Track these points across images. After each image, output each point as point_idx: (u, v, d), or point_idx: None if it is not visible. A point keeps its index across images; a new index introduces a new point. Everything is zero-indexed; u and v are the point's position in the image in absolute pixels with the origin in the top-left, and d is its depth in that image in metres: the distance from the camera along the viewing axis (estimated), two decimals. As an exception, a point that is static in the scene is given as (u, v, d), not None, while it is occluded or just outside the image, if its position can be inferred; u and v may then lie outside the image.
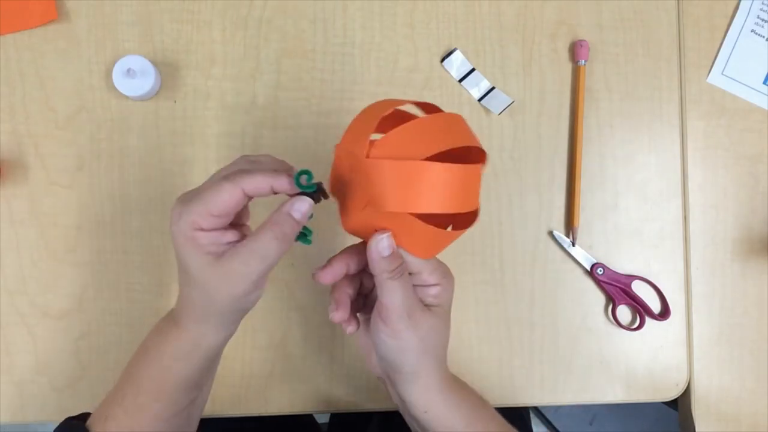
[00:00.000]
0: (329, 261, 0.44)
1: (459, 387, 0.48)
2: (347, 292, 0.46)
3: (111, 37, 0.62)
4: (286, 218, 0.40)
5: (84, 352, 0.61)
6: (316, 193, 0.41)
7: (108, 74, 0.61)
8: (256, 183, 0.39)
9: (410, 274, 0.43)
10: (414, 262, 0.43)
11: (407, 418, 0.49)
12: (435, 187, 0.38)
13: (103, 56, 0.62)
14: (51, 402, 0.61)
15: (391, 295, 0.41)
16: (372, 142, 0.38)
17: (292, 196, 0.41)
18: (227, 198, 0.39)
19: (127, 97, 0.61)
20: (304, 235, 0.43)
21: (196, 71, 0.62)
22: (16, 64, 0.62)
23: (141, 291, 0.61)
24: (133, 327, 0.61)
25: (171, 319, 0.46)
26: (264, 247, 0.39)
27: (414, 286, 0.44)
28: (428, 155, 0.38)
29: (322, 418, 0.92)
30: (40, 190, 0.61)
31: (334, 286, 0.46)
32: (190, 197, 0.40)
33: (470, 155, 0.43)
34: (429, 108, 0.43)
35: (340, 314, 0.45)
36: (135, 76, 0.59)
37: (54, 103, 0.62)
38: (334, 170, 0.42)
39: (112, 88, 0.61)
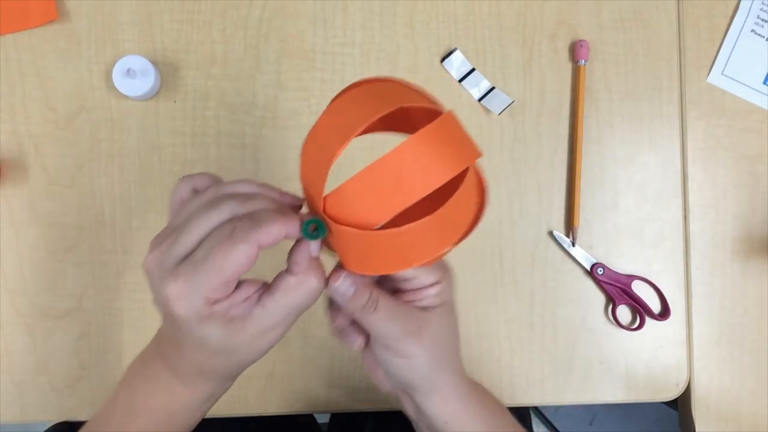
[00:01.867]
0: (336, 321, 0.41)
1: (478, 394, 0.45)
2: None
3: (111, 37, 0.62)
4: (308, 261, 0.36)
5: (84, 352, 0.61)
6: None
7: (108, 74, 0.61)
8: (273, 235, 0.33)
9: (404, 281, 0.40)
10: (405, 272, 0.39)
11: (422, 428, 0.45)
12: (408, 246, 0.34)
13: (103, 56, 0.62)
14: (51, 402, 0.61)
15: (376, 328, 0.38)
16: (326, 198, 0.33)
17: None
18: (244, 261, 0.33)
19: (127, 97, 0.61)
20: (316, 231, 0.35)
21: (196, 71, 0.62)
22: (16, 64, 0.62)
23: (141, 291, 0.61)
24: (133, 327, 0.61)
25: (168, 370, 0.39)
26: (296, 296, 0.36)
27: (411, 291, 0.40)
28: (399, 210, 0.31)
29: (322, 418, 0.92)
30: (40, 190, 0.61)
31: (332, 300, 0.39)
32: (191, 269, 0.33)
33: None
34: (427, 114, 0.35)
35: (352, 335, 0.41)
36: (135, 76, 0.59)
37: (54, 103, 0.62)
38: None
39: (112, 88, 0.61)
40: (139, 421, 0.40)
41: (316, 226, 0.34)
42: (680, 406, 0.67)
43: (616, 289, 0.63)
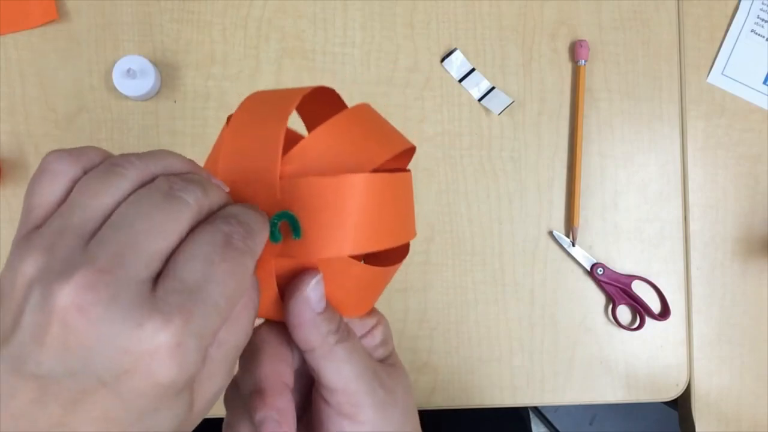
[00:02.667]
0: (266, 404, 0.26)
1: None
2: (288, 390, 0.27)
3: (111, 37, 0.62)
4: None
5: (84, 352, 0.61)
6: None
7: (108, 74, 0.61)
8: (264, 240, 0.24)
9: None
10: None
11: None
12: (386, 208, 0.27)
13: (103, 56, 0.62)
14: (51, 402, 0.61)
15: (342, 369, 0.27)
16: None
17: None
18: (250, 283, 0.24)
19: (127, 97, 0.61)
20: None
21: (196, 71, 0.62)
22: (16, 64, 0.62)
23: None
24: (133, 327, 0.61)
25: None
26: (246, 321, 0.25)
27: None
28: (368, 167, 0.26)
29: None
30: (40, 190, 0.61)
31: (264, 388, 0.26)
32: (188, 303, 0.20)
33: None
34: (322, 95, 0.29)
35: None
36: (135, 76, 0.59)
37: (54, 103, 0.62)
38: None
39: (112, 88, 0.61)
40: None
41: (289, 223, 0.25)
42: (680, 406, 0.67)
43: (616, 289, 0.63)
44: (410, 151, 0.31)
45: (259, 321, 0.28)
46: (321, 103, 0.29)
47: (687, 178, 0.65)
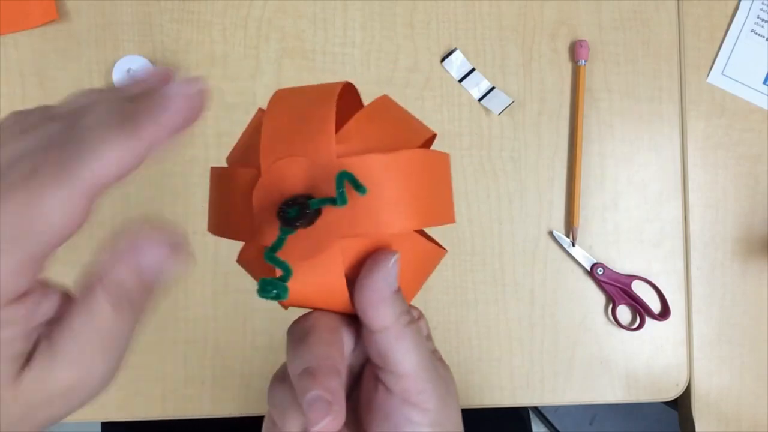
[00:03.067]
0: (317, 383, 0.24)
1: None
2: (339, 374, 0.25)
3: (111, 37, 0.62)
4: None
5: (84, 352, 0.61)
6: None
7: (108, 74, 0.61)
8: (107, 163, 0.23)
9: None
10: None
11: None
12: (438, 184, 0.27)
13: (103, 56, 0.62)
14: (51, 402, 0.61)
15: (412, 352, 0.26)
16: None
17: None
18: (57, 221, 0.23)
19: (127, 97, 0.61)
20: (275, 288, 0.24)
21: (196, 71, 0.62)
22: (16, 64, 0.62)
23: (141, 291, 0.61)
24: (133, 327, 0.61)
25: None
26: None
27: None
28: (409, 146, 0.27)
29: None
30: (40, 190, 0.61)
31: (315, 369, 0.25)
32: None
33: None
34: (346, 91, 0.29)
35: (338, 418, 0.24)
36: (135, 76, 0.59)
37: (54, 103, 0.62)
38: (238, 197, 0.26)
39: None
40: None
41: (350, 182, 0.23)
42: (680, 406, 0.67)
43: (616, 289, 0.63)
44: (432, 138, 0.31)
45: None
46: (344, 99, 0.29)
47: (687, 178, 0.65)
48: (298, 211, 0.24)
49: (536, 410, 1.33)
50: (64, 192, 0.20)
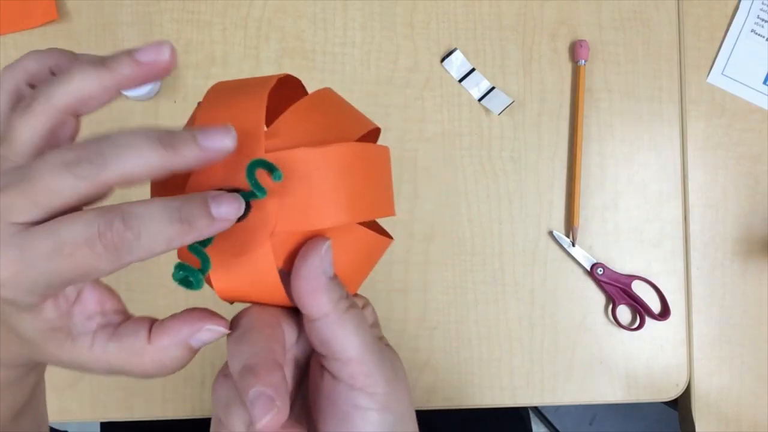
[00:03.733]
0: (259, 379, 0.24)
1: None
2: (281, 368, 0.25)
3: (111, 37, 0.62)
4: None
5: (84, 352, 0.61)
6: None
7: (108, 74, 0.61)
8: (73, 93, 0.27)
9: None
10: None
11: None
12: (373, 178, 0.27)
13: (103, 56, 0.62)
14: (51, 402, 0.61)
15: (355, 337, 0.26)
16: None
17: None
18: (36, 145, 0.26)
19: (127, 97, 0.61)
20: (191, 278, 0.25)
21: (196, 71, 0.62)
22: (16, 64, 0.62)
23: (141, 291, 0.61)
24: (133, 327, 0.61)
25: None
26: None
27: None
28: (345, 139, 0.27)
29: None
30: (40, 190, 0.61)
31: (255, 365, 0.25)
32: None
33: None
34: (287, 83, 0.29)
35: (281, 412, 0.23)
36: (135, 76, 0.59)
37: (54, 103, 0.62)
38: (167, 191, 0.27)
39: (112, 88, 0.61)
40: None
41: (265, 168, 0.24)
42: (680, 406, 0.67)
43: (616, 289, 0.63)
44: (376, 132, 0.31)
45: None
46: (285, 91, 0.29)
47: (687, 178, 0.65)
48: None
49: (536, 410, 1.33)
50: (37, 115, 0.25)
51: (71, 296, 0.26)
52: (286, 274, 0.26)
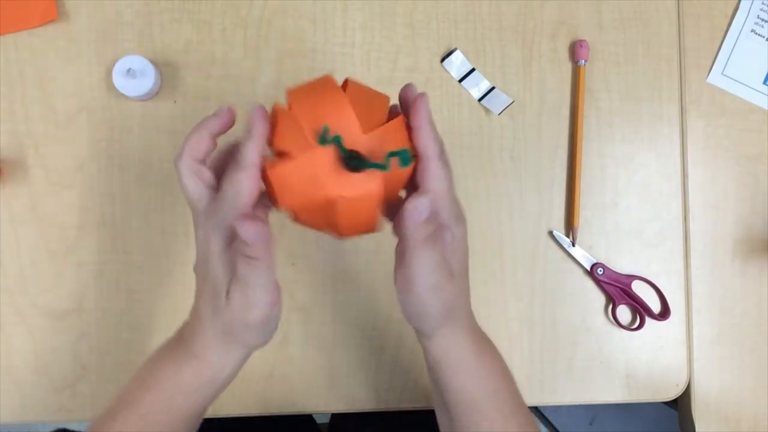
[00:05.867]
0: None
1: (479, 350, 0.45)
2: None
3: (111, 37, 0.62)
4: (246, 246, 0.38)
5: (84, 352, 0.61)
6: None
7: (108, 74, 0.61)
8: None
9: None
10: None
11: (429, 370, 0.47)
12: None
13: (103, 56, 0.62)
14: (51, 402, 0.61)
15: (421, 264, 0.38)
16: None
17: None
18: (252, 190, 0.37)
19: (127, 97, 0.61)
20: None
21: (196, 71, 0.62)
22: (16, 64, 0.62)
23: (141, 291, 0.61)
24: (133, 327, 0.61)
25: (186, 349, 0.42)
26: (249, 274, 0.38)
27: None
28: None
29: (322, 418, 0.92)
30: (40, 190, 0.61)
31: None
32: (212, 210, 0.38)
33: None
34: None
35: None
36: (135, 76, 0.59)
37: (54, 103, 0.62)
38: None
39: (112, 88, 0.61)
40: (150, 394, 0.42)
41: (399, 156, 0.38)
42: (680, 406, 0.67)
43: (616, 289, 0.63)
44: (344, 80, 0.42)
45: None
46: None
47: (687, 178, 0.65)
48: (359, 163, 0.37)
49: (536, 410, 1.33)
50: (246, 175, 0.37)
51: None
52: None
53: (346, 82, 0.40)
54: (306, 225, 0.40)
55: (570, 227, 0.63)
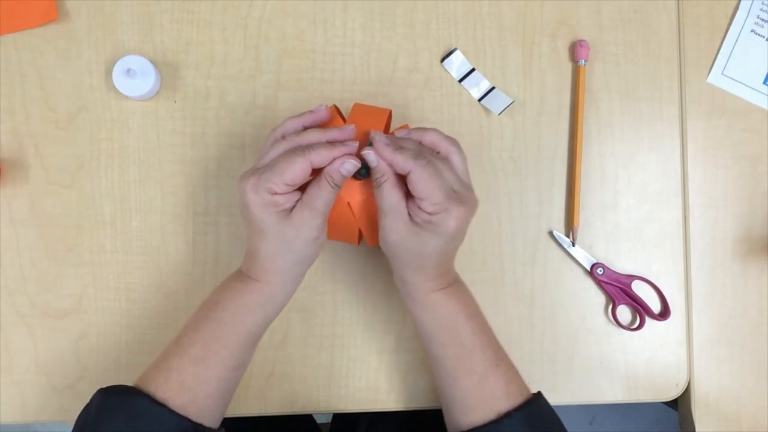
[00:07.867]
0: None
1: (446, 297, 0.53)
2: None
3: (111, 37, 0.62)
4: (336, 173, 0.48)
5: (84, 352, 0.61)
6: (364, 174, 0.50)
7: (108, 74, 0.61)
8: (322, 157, 0.47)
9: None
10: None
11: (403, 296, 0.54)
12: None
13: (103, 56, 0.62)
14: (51, 402, 0.61)
15: (383, 197, 0.48)
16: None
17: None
18: (299, 170, 0.46)
19: (127, 97, 0.61)
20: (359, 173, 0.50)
21: (196, 71, 0.62)
22: (16, 64, 0.62)
23: (141, 291, 0.61)
24: (133, 327, 0.61)
25: (244, 277, 0.51)
26: (321, 196, 0.47)
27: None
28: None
29: (322, 419, 0.92)
30: (40, 190, 0.61)
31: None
32: (262, 170, 0.47)
33: None
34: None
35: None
36: (135, 76, 0.59)
37: (54, 103, 0.62)
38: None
39: (112, 88, 0.61)
40: (214, 313, 0.51)
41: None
42: (680, 406, 0.67)
43: (616, 289, 0.63)
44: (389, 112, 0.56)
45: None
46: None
47: (687, 178, 0.65)
48: (365, 172, 0.49)
49: (536, 410, 1.33)
50: (302, 159, 0.47)
51: (289, 190, 0.48)
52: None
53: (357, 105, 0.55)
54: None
55: (570, 227, 0.63)
